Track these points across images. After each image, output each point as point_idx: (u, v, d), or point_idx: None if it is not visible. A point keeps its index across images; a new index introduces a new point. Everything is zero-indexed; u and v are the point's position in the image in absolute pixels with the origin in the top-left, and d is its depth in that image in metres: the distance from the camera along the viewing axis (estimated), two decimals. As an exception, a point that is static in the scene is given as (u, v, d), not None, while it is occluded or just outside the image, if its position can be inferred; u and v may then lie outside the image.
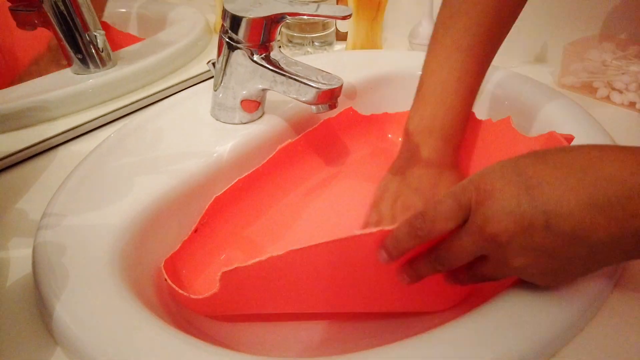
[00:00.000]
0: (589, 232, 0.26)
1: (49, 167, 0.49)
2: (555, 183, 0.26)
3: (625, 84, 0.56)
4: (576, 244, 0.26)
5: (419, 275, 0.31)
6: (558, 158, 0.27)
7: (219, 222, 0.46)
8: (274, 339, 0.39)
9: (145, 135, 0.48)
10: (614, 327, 0.31)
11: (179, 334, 0.30)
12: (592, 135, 0.47)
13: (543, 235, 0.26)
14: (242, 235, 0.48)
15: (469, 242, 0.28)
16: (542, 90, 0.55)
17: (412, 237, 0.29)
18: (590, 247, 0.26)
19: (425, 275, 0.31)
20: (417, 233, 0.29)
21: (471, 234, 0.28)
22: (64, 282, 0.33)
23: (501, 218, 0.27)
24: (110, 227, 0.37)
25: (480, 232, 0.28)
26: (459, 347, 0.29)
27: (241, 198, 0.47)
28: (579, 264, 0.28)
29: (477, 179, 0.28)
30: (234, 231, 0.47)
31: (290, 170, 0.52)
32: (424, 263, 0.31)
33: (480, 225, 0.28)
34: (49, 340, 0.32)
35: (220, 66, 0.48)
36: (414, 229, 0.29)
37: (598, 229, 0.25)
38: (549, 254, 0.27)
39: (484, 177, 0.28)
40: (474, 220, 0.28)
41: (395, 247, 0.30)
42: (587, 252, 0.27)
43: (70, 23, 0.55)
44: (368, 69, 0.62)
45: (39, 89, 0.55)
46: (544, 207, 0.26)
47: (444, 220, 0.28)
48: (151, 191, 0.41)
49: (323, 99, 0.45)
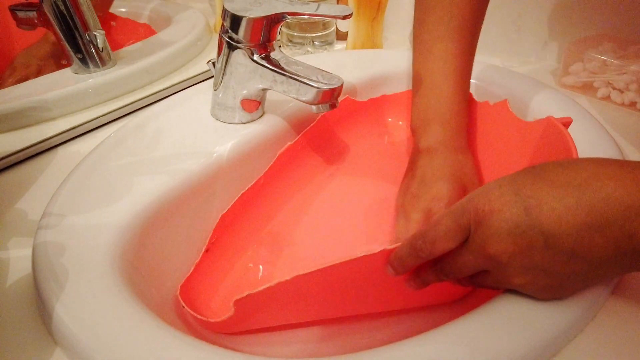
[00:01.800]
0: (587, 251, 0.26)
1: (49, 167, 0.49)
2: (553, 203, 0.26)
3: (625, 84, 0.56)
4: (575, 262, 0.27)
5: (425, 283, 0.33)
6: (556, 176, 0.27)
7: (228, 237, 0.46)
8: (275, 336, 0.39)
9: (145, 135, 0.48)
10: (613, 328, 0.31)
11: (179, 334, 0.30)
12: (592, 135, 0.47)
13: (542, 255, 0.27)
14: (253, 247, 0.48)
15: (470, 260, 0.29)
16: (543, 90, 0.55)
17: (414, 257, 0.30)
18: (589, 264, 0.27)
19: (430, 283, 0.33)
20: (418, 254, 0.30)
21: (472, 252, 0.29)
22: (64, 282, 0.33)
23: (500, 239, 0.27)
24: (110, 227, 0.37)
25: (481, 251, 0.28)
26: (459, 347, 0.29)
27: (247, 211, 0.47)
28: (578, 280, 0.28)
29: (475, 198, 0.29)
30: (244, 244, 0.48)
31: (292, 173, 0.52)
32: (430, 273, 0.32)
33: (480, 245, 0.28)
34: (48, 341, 0.32)
35: (221, 66, 0.48)
36: (416, 250, 0.30)
37: (596, 248, 0.26)
38: (548, 272, 0.28)
39: (481, 197, 0.28)
40: (474, 240, 0.28)
41: (400, 265, 0.31)
42: (586, 269, 0.27)
43: (70, 23, 0.55)
44: (368, 68, 0.62)
45: (39, 89, 0.55)
46: (542, 227, 0.26)
47: (444, 241, 0.29)
48: (151, 191, 0.41)
49: (323, 98, 0.45)
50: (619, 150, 0.45)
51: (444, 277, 0.31)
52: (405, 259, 0.31)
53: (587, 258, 0.26)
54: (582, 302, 0.31)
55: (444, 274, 0.31)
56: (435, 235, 0.29)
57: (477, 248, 0.28)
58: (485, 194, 0.28)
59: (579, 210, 0.26)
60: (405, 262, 0.31)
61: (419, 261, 0.31)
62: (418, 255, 0.30)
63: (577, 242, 0.26)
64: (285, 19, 0.45)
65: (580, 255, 0.26)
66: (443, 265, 0.31)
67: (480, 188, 0.30)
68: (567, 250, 0.26)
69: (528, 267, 0.28)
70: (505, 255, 0.27)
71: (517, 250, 0.27)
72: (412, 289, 0.33)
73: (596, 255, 0.26)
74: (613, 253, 0.26)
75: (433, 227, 0.30)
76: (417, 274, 0.33)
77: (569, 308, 0.30)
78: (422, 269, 0.33)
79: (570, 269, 0.27)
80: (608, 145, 0.45)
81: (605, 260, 0.26)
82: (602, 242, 0.25)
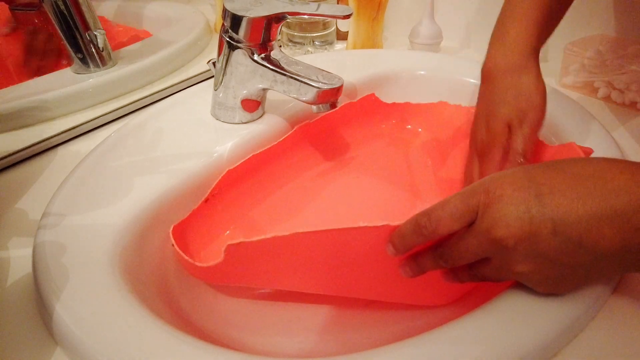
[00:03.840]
0: (594, 242, 0.26)
1: (49, 167, 0.49)
2: (565, 191, 0.26)
3: (626, 84, 0.56)
4: (581, 253, 0.27)
5: (422, 269, 0.32)
6: (569, 167, 0.28)
7: (230, 196, 0.46)
8: (275, 336, 0.39)
9: (146, 134, 0.48)
10: (614, 327, 0.31)
11: (179, 333, 0.30)
12: (593, 135, 0.47)
13: (549, 242, 0.27)
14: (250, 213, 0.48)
15: (474, 244, 0.29)
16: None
17: (417, 234, 0.29)
18: (594, 256, 0.27)
19: (428, 269, 0.32)
20: (421, 231, 0.29)
21: (477, 235, 0.28)
22: (64, 281, 0.33)
23: (509, 222, 0.27)
24: (110, 227, 0.37)
25: (487, 234, 0.28)
26: (460, 348, 0.28)
27: (253, 174, 0.47)
28: (581, 273, 0.28)
29: (487, 182, 0.29)
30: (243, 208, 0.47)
31: (304, 151, 0.52)
32: (428, 258, 0.31)
33: (487, 228, 0.28)
34: (48, 340, 0.32)
35: (221, 66, 0.48)
36: (419, 227, 0.29)
37: (603, 240, 0.26)
38: (552, 261, 0.27)
39: (494, 181, 0.28)
40: (481, 222, 0.28)
41: (401, 243, 0.30)
42: (590, 261, 0.27)
43: (71, 22, 0.55)
44: (369, 68, 0.62)
45: (39, 89, 0.55)
46: (552, 214, 0.26)
47: (449, 220, 0.29)
48: (151, 191, 0.41)
49: (323, 98, 0.45)
50: (620, 150, 0.45)
51: (443, 263, 0.30)
52: (407, 237, 0.30)
53: (593, 250, 0.26)
54: (583, 302, 0.31)
55: (444, 260, 0.30)
56: (442, 214, 0.29)
57: (483, 231, 0.28)
58: (498, 179, 0.28)
59: (590, 200, 0.26)
60: (406, 239, 0.30)
61: (421, 240, 0.30)
62: (421, 233, 0.29)
63: (586, 231, 0.26)
64: (285, 19, 0.45)
65: (587, 246, 0.26)
66: (443, 250, 0.30)
67: (494, 174, 0.29)
68: (575, 239, 0.26)
69: (533, 255, 0.27)
70: (511, 240, 0.27)
71: (524, 236, 0.27)
72: (407, 276, 0.32)
73: (602, 247, 0.26)
74: (619, 246, 0.26)
75: (440, 206, 0.29)
76: (414, 258, 0.32)
77: (570, 307, 0.30)
78: (421, 253, 0.32)
79: (575, 260, 0.27)
80: (609, 145, 0.45)
81: (610, 254, 0.26)
82: (610, 233, 0.25)
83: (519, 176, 0.28)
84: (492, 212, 0.27)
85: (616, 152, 0.44)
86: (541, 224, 0.26)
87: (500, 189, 0.28)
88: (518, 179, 0.28)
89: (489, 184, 0.28)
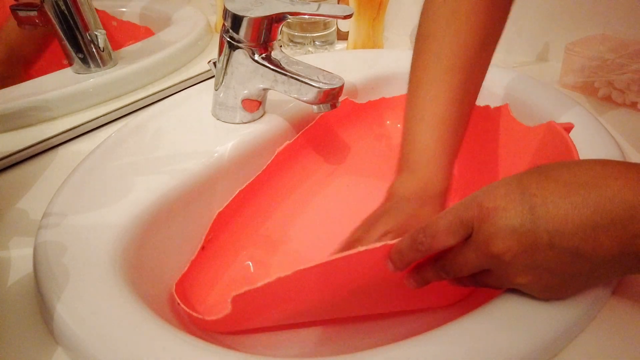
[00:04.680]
0: (592, 251, 0.26)
1: (50, 167, 0.49)
2: (558, 202, 0.26)
3: (626, 84, 0.56)
4: (579, 262, 0.26)
5: (425, 281, 0.32)
6: (561, 175, 0.27)
7: (225, 235, 0.46)
8: (275, 337, 0.39)
9: (146, 134, 0.48)
10: (614, 328, 0.31)
11: (180, 333, 0.30)
12: (593, 135, 0.47)
13: (546, 254, 0.27)
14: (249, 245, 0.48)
15: (472, 257, 0.29)
16: (543, 90, 0.54)
17: (414, 250, 0.30)
18: (593, 264, 0.26)
19: (431, 281, 0.32)
20: (418, 247, 0.29)
21: (475, 250, 0.28)
22: (65, 281, 0.33)
23: (504, 237, 0.27)
24: (111, 227, 0.37)
25: (484, 249, 0.28)
26: (460, 348, 0.28)
27: (244, 208, 0.47)
28: (580, 280, 0.28)
29: (480, 196, 0.28)
30: (241, 242, 0.47)
31: (290, 172, 0.52)
32: (430, 270, 0.31)
33: (483, 243, 0.28)
34: (49, 340, 0.32)
35: (221, 65, 0.48)
36: (416, 243, 0.29)
37: (601, 248, 0.25)
38: (551, 271, 0.27)
39: (487, 194, 0.28)
40: (477, 237, 0.28)
41: (399, 260, 0.31)
42: (589, 269, 0.27)
43: (71, 22, 0.55)
44: (369, 68, 0.62)
45: (39, 89, 0.55)
46: (547, 225, 0.26)
47: (444, 236, 0.29)
48: (152, 191, 0.41)
49: (324, 98, 0.45)
50: (620, 150, 0.45)
51: (445, 275, 0.31)
52: (404, 253, 0.30)
53: (591, 258, 0.26)
54: (582, 303, 0.31)
55: (445, 272, 0.31)
56: (437, 229, 0.29)
57: (480, 246, 0.28)
58: (490, 192, 0.28)
59: (585, 209, 0.25)
60: (404, 256, 0.30)
61: (418, 255, 0.30)
62: (418, 249, 0.29)
63: (582, 241, 0.26)
64: (286, 19, 0.45)
65: (585, 255, 0.26)
66: (444, 263, 0.30)
67: (486, 187, 0.29)
68: (572, 249, 0.26)
69: (531, 267, 0.27)
70: (508, 254, 0.27)
71: (520, 249, 0.27)
72: (412, 287, 0.33)
73: (600, 255, 0.26)
74: (617, 253, 0.25)
75: (435, 221, 0.29)
76: (416, 271, 0.32)
77: (570, 308, 0.30)
78: (422, 266, 0.32)
79: (574, 268, 0.27)
80: (609, 145, 0.45)
81: (608, 261, 0.26)
82: (607, 242, 0.25)
83: (511, 188, 0.28)
84: (487, 226, 0.27)
85: (617, 153, 0.44)
86: (537, 237, 0.26)
87: (493, 202, 0.28)
88: (511, 191, 0.28)
89: (482, 198, 0.28)
